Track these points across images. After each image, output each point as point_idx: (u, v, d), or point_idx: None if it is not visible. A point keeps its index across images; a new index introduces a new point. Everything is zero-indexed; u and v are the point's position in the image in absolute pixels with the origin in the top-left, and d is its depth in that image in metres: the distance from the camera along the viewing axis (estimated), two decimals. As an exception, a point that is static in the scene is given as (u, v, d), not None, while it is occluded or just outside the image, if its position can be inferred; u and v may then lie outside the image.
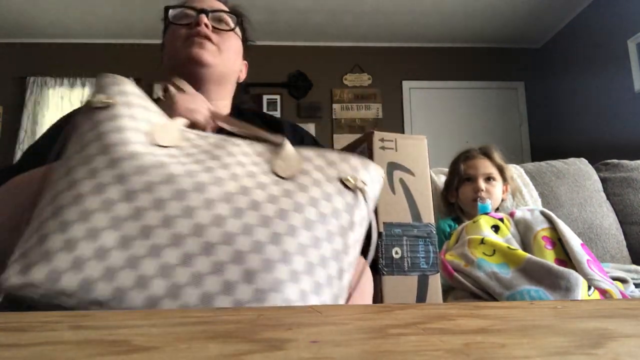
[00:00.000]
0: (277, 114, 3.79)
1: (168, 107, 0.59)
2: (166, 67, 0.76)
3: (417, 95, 4.04)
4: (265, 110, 3.81)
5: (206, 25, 0.72)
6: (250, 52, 0.87)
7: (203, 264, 0.40)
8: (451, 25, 3.80)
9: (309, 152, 0.54)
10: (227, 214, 0.43)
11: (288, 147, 0.53)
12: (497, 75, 4.08)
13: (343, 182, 0.53)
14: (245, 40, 0.84)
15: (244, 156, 0.50)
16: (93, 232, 0.39)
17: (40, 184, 0.47)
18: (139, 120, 0.47)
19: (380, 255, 0.61)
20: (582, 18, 3.50)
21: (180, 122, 0.54)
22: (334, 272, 0.48)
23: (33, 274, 0.37)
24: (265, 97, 3.89)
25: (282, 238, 0.44)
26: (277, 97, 3.91)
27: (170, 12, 0.76)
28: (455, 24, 3.77)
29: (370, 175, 0.56)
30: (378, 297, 0.60)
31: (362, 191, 0.54)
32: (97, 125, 0.45)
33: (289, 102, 3.92)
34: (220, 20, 0.76)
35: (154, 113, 0.50)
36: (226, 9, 0.78)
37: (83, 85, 3.74)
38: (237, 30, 0.79)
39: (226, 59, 0.74)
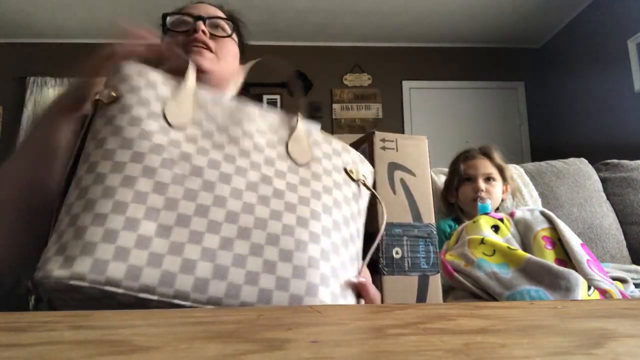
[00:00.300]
0: (277, 114, 3.79)
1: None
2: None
3: (417, 95, 4.04)
4: (265, 110, 3.80)
5: (204, 32, 0.73)
6: (246, 56, 0.88)
7: (242, 246, 0.43)
8: (451, 25, 3.80)
9: (317, 135, 0.57)
10: (255, 201, 0.46)
11: (300, 125, 0.55)
12: (497, 75, 4.08)
13: (347, 173, 0.56)
14: (241, 44, 0.85)
15: (260, 135, 0.51)
16: (131, 223, 0.40)
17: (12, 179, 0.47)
18: (150, 103, 0.48)
19: (380, 255, 0.61)
20: (582, 18, 3.50)
21: (190, 82, 0.53)
22: (353, 253, 0.53)
23: (77, 266, 0.38)
24: (265, 97, 3.89)
25: (308, 222, 0.47)
26: (277, 97, 3.91)
27: (168, 19, 0.77)
28: (455, 24, 3.77)
29: (365, 169, 0.61)
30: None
31: (364, 183, 0.59)
32: (112, 120, 0.46)
33: (288, 102, 3.92)
34: (217, 26, 0.76)
35: (161, 85, 0.50)
36: (223, 15, 0.79)
37: (83, 85, 3.74)
38: (234, 36, 0.79)
39: (224, 64, 0.75)
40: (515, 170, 1.39)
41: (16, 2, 3.32)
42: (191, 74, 0.52)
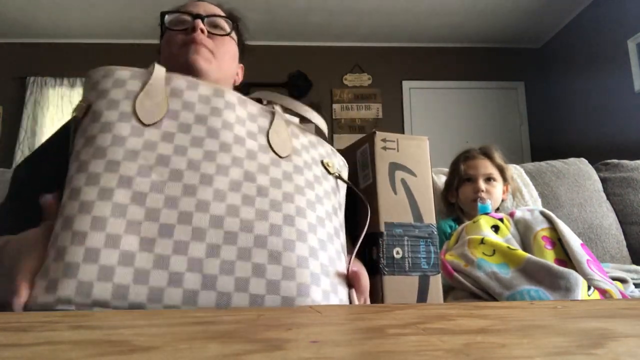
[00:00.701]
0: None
1: None
2: None
3: (417, 95, 4.04)
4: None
5: (202, 31, 0.72)
6: (246, 55, 0.87)
7: (230, 252, 0.41)
8: (451, 25, 3.80)
9: (294, 126, 0.55)
10: (239, 202, 0.44)
11: (279, 115, 0.54)
12: (497, 75, 4.07)
13: (324, 166, 0.56)
14: (241, 43, 0.84)
15: (240, 125, 0.49)
16: (113, 239, 0.38)
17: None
18: (119, 103, 0.45)
19: (381, 255, 0.61)
20: (582, 18, 3.50)
21: (159, 70, 0.49)
22: (339, 247, 0.52)
23: (61, 290, 0.36)
24: (265, 97, 3.88)
25: (294, 219, 0.46)
26: (277, 97, 3.90)
27: (167, 17, 0.75)
28: (455, 24, 3.77)
29: (339, 162, 0.60)
30: (379, 297, 0.61)
31: (340, 177, 0.58)
32: (85, 131, 0.44)
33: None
34: (215, 25, 0.75)
35: (130, 80, 0.47)
36: (222, 13, 0.78)
37: (83, 85, 3.74)
38: (233, 34, 0.78)
39: (222, 64, 0.74)
40: (515, 170, 1.39)
41: (16, 2, 3.32)
42: (158, 66, 0.49)
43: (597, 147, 3.19)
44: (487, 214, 0.99)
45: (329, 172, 0.56)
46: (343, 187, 0.60)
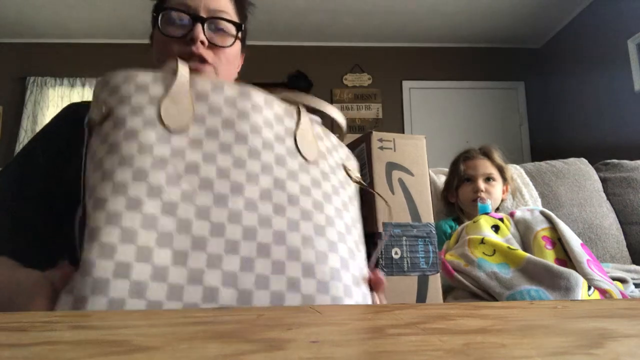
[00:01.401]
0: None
1: None
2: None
3: (417, 95, 4.04)
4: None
5: (202, 43, 0.62)
6: (247, 48, 0.78)
7: (264, 265, 0.40)
8: (451, 25, 3.80)
9: (317, 127, 0.53)
10: (271, 212, 0.42)
11: (304, 115, 0.52)
12: (497, 75, 4.07)
13: (346, 171, 0.54)
14: (244, 40, 0.74)
15: (268, 128, 0.47)
16: (144, 252, 0.36)
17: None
18: (144, 109, 0.42)
19: (379, 255, 0.61)
20: (582, 18, 3.50)
21: (183, 73, 0.46)
22: (364, 254, 0.51)
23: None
24: (265, 97, 3.88)
25: (324, 229, 0.45)
26: (277, 97, 3.91)
27: (161, 16, 0.64)
28: (455, 24, 3.77)
29: (354, 164, 0.59)
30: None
31: (361, 182, 0.57)
32: (107, 138, 0.41)
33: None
34: (219, 28, 0.65)
35: (153, 85, 0.44)
36: (227, 9, 0.67)
37: (83, 85, 3.74)
38: (239, 36, 0.69)
39: (223, 74, 0.66)
40: (515, 170, 1.39)
41: (16, 2, 3.32)
42: (182, 66, 0.46)
43: (597, 147, 3.19)
44: (487, 213, 0.99)
45: (350, 177, 0.55)
46: (356, 194, 0.58)
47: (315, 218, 0.45)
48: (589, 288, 0.75)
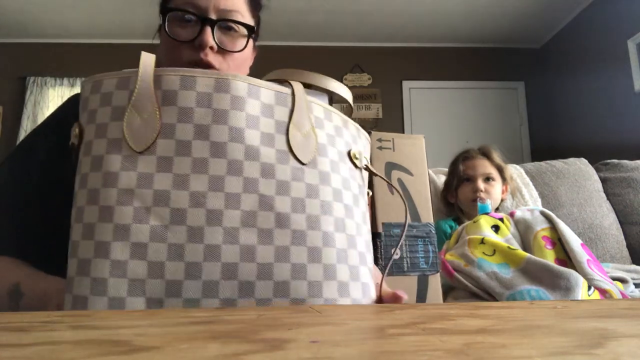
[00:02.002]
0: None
1: None
2: None
3: (417, 95, 4.04)
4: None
5: (212, 48, 0.58)
6: (257, 48, 0.73)
7: (247, 305, 0.36)
8: (451, 25, 3.80)
9: (318, 110, 0.45)
10: (255, 241, 0.37)
11: (300, 99, 0.44)
12: (497, 75, 4.07)
13: (351, 159, 0.47)
14: (256, 39, 0.69)
15: (252, 127, 0.40)
16: (116, 303, 0.34)
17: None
18: (107, 127, 0.38)
19: (379, 255, 0.61)
20: (582, 18, 3.50)
21: (146, 69, 0.40)
22: (372, 259, 0.47)
23: None
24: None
25: (320, 253, 0.39)
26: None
27: (167, 17, 0.60)
28: (455, 24, 3.77)
29: (364, 143, 0.51)
30: (378, 297, 0.61)
31: (369, 168, 0.50)
32: (80, 168, 0.39)
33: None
34: (230, 28, 0.61)
35: (117, 92, 0.39)
36: (240, 11, 0.62)
37: (83, 85, 3.74)
38: (250, 40, 0.65)
39: None
40: (515, 170, 1.39)
41: (16, 2, 3.31)
42: (145, 57, 0.40)
43: (597, 147, 3.19)
44: (487, 213, 0.99)
45: (356, 166, 0.47)
46: (366, 178, 0.51)
47: (310, 239, 0.39)
48: (589, 288, 0.75)
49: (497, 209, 1.25)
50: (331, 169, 0.44)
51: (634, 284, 0.93)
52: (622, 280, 0.92)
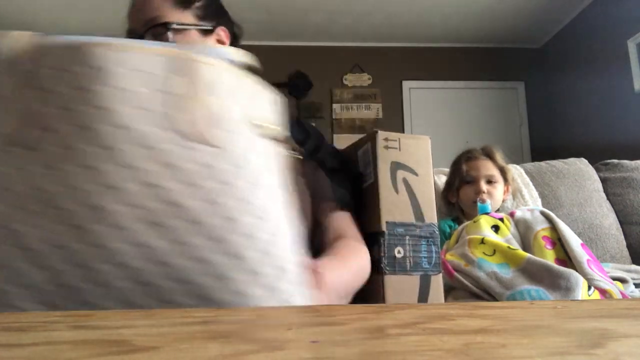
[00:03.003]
0: (277, 114, 3.81)
1: None
2: None
3: (417, 95, 4.04)
4: (265, 110, 3.82)
5: None
6: (228, 23, 0.71)
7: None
8: (451, 25, 3.80)
9: (210, 72, 0.36)
10: (148, 235, 0.32)
11: (194, 64, 0.35)
12: (497, 75, 4.07)
13: (253, 127, 0.38)
14: (212, 15, 0.68)
15: (124, 104, 0.32)
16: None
17: None
18: None
19: (382, 254, 0.61)
20: (582, 18, 3.50)
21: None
22: (291, 248, 0.39)
23: None
24: (265, 97, 3.89)
25: (223, 240, 0.34)
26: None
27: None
28: (455, 24, 3.77)
29: (266, 104, 0.42)
30: (380, 296, 0.61)
31: (277, 136, 0.41)
32: None
33: (289, 102, 3.92)
34: (160, 34, 0.61)
35: None
36: (161, 14, 0.63)
37: (83, 85, 3.74)
38: (190, 26, 0.64)
39: None
40: (515, 170, 1.39)
41: (16, 2, 3.32)
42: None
43: (597, 147, 3.19)
44: (487, 213, 0.99)
45: (260, 136, 0.39)
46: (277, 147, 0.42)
47: (209, 227, 0.33)
48: (589, 288, 0.75)
49: (497, 210, 1.25)
50: (229, 143, 0.35)
51: (634, 284, 0.93)
52: (622, 280, 0.92)
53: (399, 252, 0.62)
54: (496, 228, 0.92)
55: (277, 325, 0.25)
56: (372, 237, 0.61)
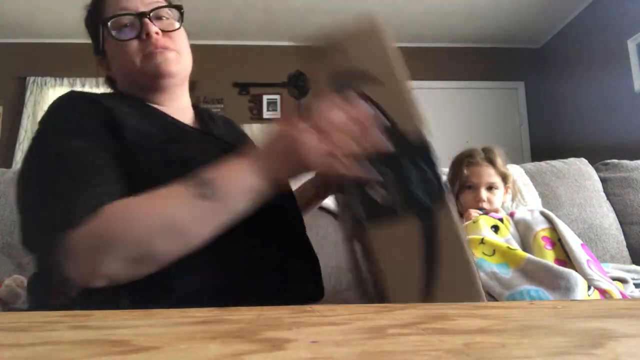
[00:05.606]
0: (277, 114, 3.81)
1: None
2: (122, 82, 0.71)
3: (417, 95, 4.04)
4: (265, 110, 3.84)
5: (157, 33, 0.65)
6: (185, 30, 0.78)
7: None
8: (451, 25, 3.80)
9: None
10: None
11: None
12: (497, 75, 4.07)
13: None
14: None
15: None
16: None
17: None
18: None
19: (357, 206, 0.42)
20: (582, 18, 3.50)
21: None
22: None
23: None
24: (265, 97, 3.89)
25: None
26: (277, 97, 3.91)
27: (109, 25, 0.67)
28: (455, 24, 3.77)
29: None
30: (372, 268, 0.44)
31: None
32: None
33: (288, 102, 3.92)
34: (161, 17, 0.68)
35: None
36: (164, 0, 0.70)
37: (83, 85, 3.74)
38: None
39: (185, 58, 0.70)
40: (515, 171, 1.39)
41: (16, 2, 3.31)
42: None
43: (597, 147, 3.18)
44: (486, 214, 0.99)
45: None
46: None
47: None
48: (589, 288, 0.75)
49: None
50: None
51: (634, 284, 0.93)
52: (622, 280, 0.92)
53: (377, 193, 0.43)
54: (496, 228, 0.92)
55: (277, 325, 0.25)
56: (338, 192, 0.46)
